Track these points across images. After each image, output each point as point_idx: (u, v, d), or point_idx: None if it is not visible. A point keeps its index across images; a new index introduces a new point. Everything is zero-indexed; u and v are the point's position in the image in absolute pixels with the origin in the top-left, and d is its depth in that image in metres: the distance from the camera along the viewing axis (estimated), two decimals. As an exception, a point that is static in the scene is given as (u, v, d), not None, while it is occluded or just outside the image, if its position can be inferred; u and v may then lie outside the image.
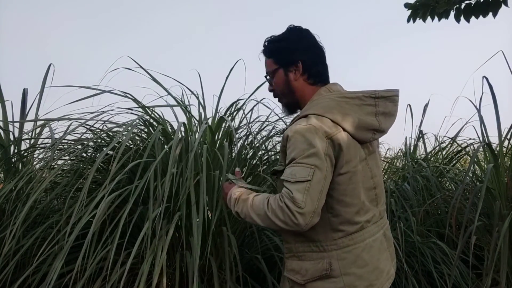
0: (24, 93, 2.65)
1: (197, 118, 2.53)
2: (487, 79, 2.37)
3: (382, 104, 1.36)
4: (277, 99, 1.51)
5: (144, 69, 2.42)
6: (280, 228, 1.24)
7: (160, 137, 2.30)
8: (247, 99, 2.54)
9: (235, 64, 2.58)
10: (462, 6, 2.64)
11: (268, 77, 1.49)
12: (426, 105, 3.63)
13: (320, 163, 1.23)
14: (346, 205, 1.31)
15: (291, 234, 1.38)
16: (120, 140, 2.14)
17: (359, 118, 1.32)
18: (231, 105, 2.63)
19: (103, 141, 2.45)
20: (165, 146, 2.23)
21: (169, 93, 2.44)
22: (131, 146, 2.28)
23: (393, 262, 1.45)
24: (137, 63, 2.42)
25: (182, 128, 2.09)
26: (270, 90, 1.50)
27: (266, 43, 1.47)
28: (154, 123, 2.40)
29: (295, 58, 1.41)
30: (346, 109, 1.32)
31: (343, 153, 1.28)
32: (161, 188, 1.79)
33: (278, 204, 1.23)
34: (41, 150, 2.57)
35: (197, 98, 2.52)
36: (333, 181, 1.29)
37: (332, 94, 1.38)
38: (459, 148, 3.42)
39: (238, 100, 2.65)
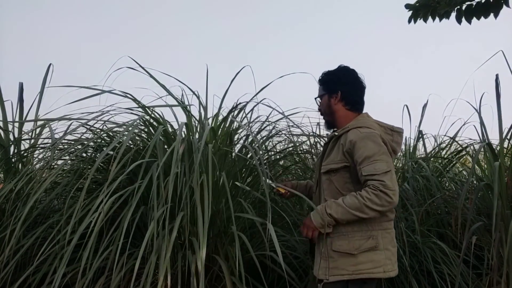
0: (21, 89, 2.64)
1: (197, 118, 2.52)
2: (497, 78, 2.35)
3: (396, 135, 1.87)
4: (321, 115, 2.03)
5: (144, 69, 2.41)
6: (377, 212, 1.65)
7: (161, 137, 2.30)
8: (249, 101, 2.52)
9: (242, 68, 2.56)
10: (463, 7, 2.65)
11: (317, 99, 2.01)
12: (425, 105, 3.63)
13: (388, 159, 1.72)
14: None
15: None
16: (121, 140, 2.13)
17: (388, 141, 1.80)
18: (234, 107, 2.60)
19: (103, 141, 2.44)
20: (165, 146, 2.23)
21: (169, 93, 2.43)
22: (131, 146, 2.28)
23: None
24: (137, 63, 2.41)
25: (184, 128, 2.08)
26: (319, 110, 2.03)
27: (321, 75, 2.00)
28: (155, 123, 2.39)
29: (336, 88, 1.91)
30: (382, 133, 1.80)
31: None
32: (164, 189, 1.79)
33: (373, 193, 1.64)
34: (41, 150, 2.56)
35: (198, 98, 2.51)
36: None
37: (371, 118, 1.89)
38: (459, 148, 3.42)
39: (238, 100, 2.63)
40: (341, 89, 1.89)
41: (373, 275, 1.71)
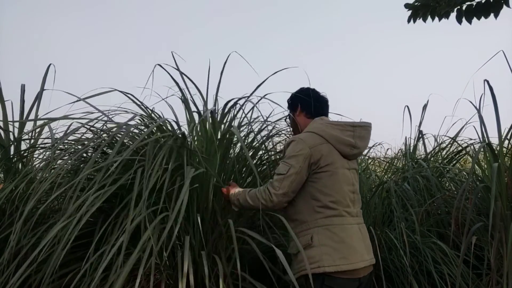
0: (23, 91, 2.64)
1: (197, 117, 2.51)
2: (487, 82, 2.36)
3: (359, 130, 1.99)
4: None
5: (162, 66, 2.41)
6: (261, 204, 1.86)
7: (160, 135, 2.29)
8: (247, 98, 2.50)
9: (228, 57, 2.50)
10: (464, 7, 2.65)
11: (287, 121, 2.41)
12: (425, 105, 3.63)
13: (296, 163, 1.86)
14: (325, 194, 1.86)
15: (292, 221, 1.92)
16: (118, 139, 2.13)
17: (339, 136, 1.93)
18: (233, 105, 2.59)
19: (103, 141, 2.44)
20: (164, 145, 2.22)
21: (179, 91, 2.43)
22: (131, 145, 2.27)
23: (369, 254, 1.90)
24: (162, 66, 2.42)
25: (187, 127, 2.08)
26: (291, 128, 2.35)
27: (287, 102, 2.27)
28: (154, 123, 2.39)
29: (296, 103, 2.17)
30: (330, 130, 1.94)
31: (323, 157, 1.87)
32: (147, 184, 1.79)
33: (264, 187, 1.90)
34: (41, 150, 2.56)
35: (206, 101, 2.50)
36: (314, 176, 1.88)
37: (322, 121, 2.02)
38: (459, 148, 3.42)
39: (237, 98, 2.61)
40: (300, 102, 2.14)
41: (309, 271, 1.77)
